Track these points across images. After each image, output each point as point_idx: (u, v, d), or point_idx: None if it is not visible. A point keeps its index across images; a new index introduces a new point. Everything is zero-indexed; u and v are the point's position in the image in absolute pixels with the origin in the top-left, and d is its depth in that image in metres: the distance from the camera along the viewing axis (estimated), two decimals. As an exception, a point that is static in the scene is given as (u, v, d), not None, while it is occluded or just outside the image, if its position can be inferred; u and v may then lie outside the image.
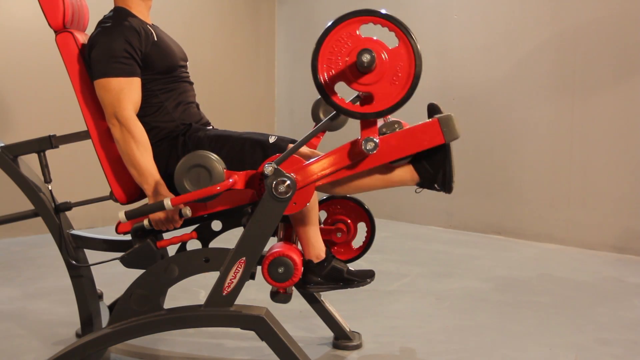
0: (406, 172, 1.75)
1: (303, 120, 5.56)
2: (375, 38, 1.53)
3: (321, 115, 2.19)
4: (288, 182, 1.59)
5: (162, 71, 1.88)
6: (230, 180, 1.62)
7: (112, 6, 1.95)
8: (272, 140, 1.81)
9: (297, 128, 5.71)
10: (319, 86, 1.53)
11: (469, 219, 4.49)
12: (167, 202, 1.62)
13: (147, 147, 1.77)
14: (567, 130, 3.95)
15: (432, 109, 1.74)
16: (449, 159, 1.70)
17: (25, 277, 3.18)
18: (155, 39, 1.88)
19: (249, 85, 5.75)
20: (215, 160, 1.60)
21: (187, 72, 2.03)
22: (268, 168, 1.59)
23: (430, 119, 1.64)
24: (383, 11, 1.51)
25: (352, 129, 1.90)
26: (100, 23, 1.87)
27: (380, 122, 1.81)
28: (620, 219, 3.73)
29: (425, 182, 1.74)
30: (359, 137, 1.60)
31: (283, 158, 1.61)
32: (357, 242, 2.10)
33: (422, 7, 4.70)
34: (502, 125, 4.30)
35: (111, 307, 2.20)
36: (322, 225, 2.08)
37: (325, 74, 1.53)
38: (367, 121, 1.58)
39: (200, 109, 2.04)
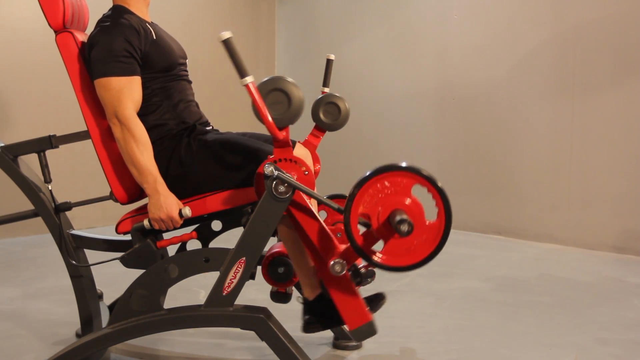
0: (314, 289, 1.78)
1: (303, 120, 5.54)
2: (415, 200, 1.52)
3: (321, 115, 2.19)
4: (287, 183, 1.59)
5: (162, 69, 1.88)
6: (284, 134, 1.61)
7: (111, 5, 1.95)
8: None
9: (297, 128, 5.68)
10: (349, 233, 1.52)
11: (469, 219, 4.49)
12: (248, 80, 1.56)
13: (148, 146, 1.77)
14: (567, 130, 3.95)
15: (377, 298, 1.82)
16: (328, 328, 1.80)
17: (25, 277, 3.18)
18: (155, 37, 1.88)
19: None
20: (297, 107, 1.58)
21: (187, 71, 2.03)
22: (268, 168, 1.59)
23: (369, 312, 1.67)
24: (437, 182, 1.50)
25: (352, 129, 1.90)
26: (99, 22, 1.86)
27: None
28: (620, 219, 3.73)
29: (307, 308, 1.78)
30: (341, 249, 1.60)
31: (289, 184, 1.58)
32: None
33: (422, 7, 4.70)
34: (502, 125, 4.30)
35: (111, 307, 2.20)
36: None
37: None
38: (353, 252, 1.57)
39: (199, 108, 2.04)
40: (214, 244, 2.02)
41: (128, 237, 1.88)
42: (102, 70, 1.76)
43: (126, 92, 1.76)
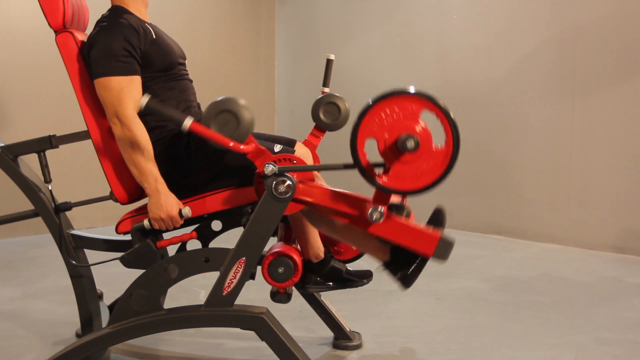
0: (382, 249, 1.78)
1: (303, 120, 5.55)
2: (424, 125, 1.52)
3: (321, 115, 2.19)
4: (288, 182, 1.59)
5: (162, 69, 1.88)
6: (243, 146, 1.60)
7: (110, 6, 1.95)
8: (277, 149, 1.81)
9: (297, 128, 5.71)
10: (354, 153, 1.52)
11: (469, 219, 4.49)
12: (187, 123, 1.58)
13: (148, 146, 1.77)
14: (567, 130, 3.95)
15: (437, 215, 1.75)
16: (422, 269, 1.74)
17: (25, 277, 3.18)
18: (154, 37, 1.88)
19: (249, 85, 5.75)
20: (249, 120, 1.59)
21: (186, 70, 2.03)
22: (268, 168, 1.59)
23: (434, 230, 1.63)
24: (444, 105, 1.50)
25: (350, 130, 1.90)
26: (98, 22, 1.86)
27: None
28: (620, 219, 3.73)
29: (391, 268, 1.77)
30: (370, 199, 1.59)
31: (289, 170, 1.60)
32: (357, 242, 2.10)
33: (422, 7, 4.70)
34: (502, 125, 4.30)
35: (111, 307, 2.20)
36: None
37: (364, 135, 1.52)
38: (384, 193, 1.57)
39: (201, 108, 2.04)
40: (214, 244, 2.02)
41: (128, 237, 1.88)
42: (102, 69, 1.76)
43: (126, 91, 1.76)
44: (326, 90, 2.26)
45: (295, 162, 1.64)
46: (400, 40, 4.86)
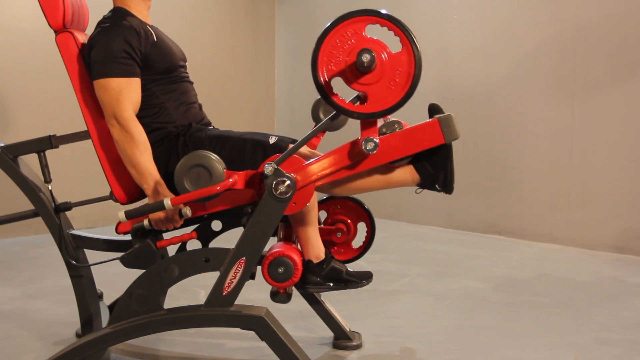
0: (406, 172, 1.75)
1: (303, 120, 5.56)
2: (376, 39, 1.53)
3: (321, 115, 2.19)
4: (288, 182, 1.59)
5: (162, 71, 1.88)
6: (230, 180, 1.62)
7: (112, 6, 1.95)
8: (272, 140, 1.81)
9: (297, 128, 5.71)
10: (318, 85, 1.53)
11: (469, 219, 4.49)
12: (167, 202, 1.62)
13: (147, 147, 1.77)
14: (567, 130, 3.95)
15: (433, 109, 1.73)
16: (450, 159, 1.69)
17: (25, 277, 3.18)
18: (155, 39, 1.88)
19: (249, 85, 5.75)
20: (215, 160, 1.60)
21: (187, 73, 2.03)
22: (268, 168, 1.59)
23: (431, 119, 1.63)
24: (385, 12, 1.51)
25: (352, 129, 1.90)
26: (99, 23, 1.86)
27: (380, 121, 1.80)
28: (620, 219, 3.73)
29: (427, 182, 1.74)
30: (359, 137, 1.60)
31: (283, 158, 1.61)
32: (357, 242, 2.10)
33: (422, 7, 4.70)
34: (502, 125, 4.30)
35: (111, 307, 2.20)
36: (322, 225, 2.08)
37: (325, 73, 1.53)
38: (367, 121, 1.57)
39: (202, 109, 2.04)
40: (214, 244, 2.02)
41: (128, 237, 1.88)
42: (101, 71, 1.76)
43: (125, 93, 1.76)
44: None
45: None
46: (400, 40, 4.86)
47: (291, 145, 1.71)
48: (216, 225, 2.08)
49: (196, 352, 2.11)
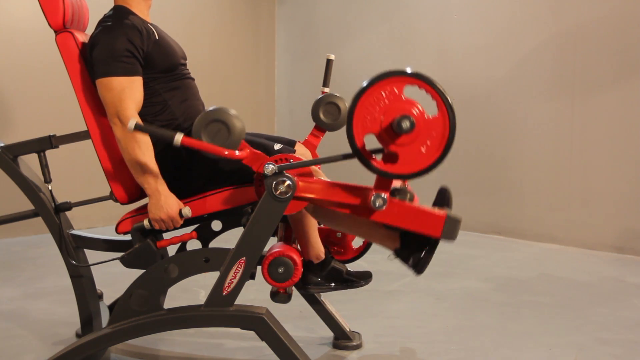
0: (391, 236, 1.77)
1: (303, 120, 5.56)
2: (414, 100, 1.50)
3: (321, 115, 2.19)
4: (288, 182, 1.59)
5: (164, 70, 1.88)
6: (237, 152, 1.60)
7: (111, 6, 1.95)
8: (277, 147, 1.81)
9: (297, 128, 5.71)
10: (354, 148, 1.51)
11: (469, 219, 4.49)
12: (178, 138, 1.57)
13: (149, 146, 1.77)
14: (567, 130, 3.95)
15: (442, 195, 1.72)
16: (433, 252, 1.71)
17: (25, 277, 3.18)
18: (157, 37, 1.88)
19: (249, 85, 5.75)
20: (239, 127, 1.58)
21: (188, 70, 2.03)
22: (268, 168, 1.59)
23: (440, 211, 1.60)
24: (424, 75, 1.49)
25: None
26: (100, 22, 1.86)
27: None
28: (620, 219, 3.73)
29: (403, 255, 1.76)
30: (372, 187, 1.58)
31: (290, 167, 1.60)
32: (357, 242, 2.10)
33: (422, 7, 4.70)
34: (502, 125, 4.30)
35: (111, 307, 2.20)
36: (321, 225, 2.08)
37: (360, 132, 1.51)
38: (385, 179, 1.56)
39: (205, 107, 2.04)
40: (214, 244, 2.02)
41: (128, 237, 1.88)
42: (103, 70, 1.76)
43: (128, 92, 1.76)
44: (326, 90, 2.26)
45: (292, 161, 1.64)
46: (400, 40, 4.86)
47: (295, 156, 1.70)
48: (216, 225, 2.08)
49: (196, 352, 2.11)
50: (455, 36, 4.51)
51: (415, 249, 1.73)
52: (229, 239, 1.93)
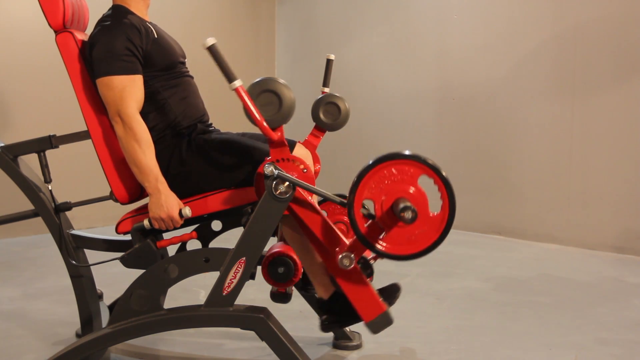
0: (327, 288, 1.80)
1: (303, 120, 5.55)
2: (421, 191, 1.52)
3: (321, 115, 2.20)
4: (288, 182, 1.59)
5: (164, 68, 1.88)
6: (273, 132, 1.61)
7: (111, 5, 1.95)
8: None
9: (297, 128, 5.70)
10: (358, 235, 1.53)
11: (469, 219, 4.49)
12: (236, 84, 1.56)
13: (150, 145, 1.77)
14: (567, 130, 3.95)
15: (392, 289, 1.78)
16: (347, 325, 1.77)
17: (25, 277, 3.18)
18: (156, 36, 1.88)
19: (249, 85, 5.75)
20: (289, 107, 1.59)
21: (187, 68, 2.03)
22: (268, 168, 1.59)
23: (383, 303, 1.64)
24: (436, 166, 1.51)
25: (352, 129, 1.90)
26: (100, 22, 1.87)
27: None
28: (620, 219, 3.73)
29: (323, 308, 1.80)
30: (347, 244, 1.61)
31: (290, 180, 1.59)
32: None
33: (422, 7, 4.70)
34: (502, 125, 4.30)
35: (111, 307, 2.20)
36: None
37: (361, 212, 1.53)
38: (361, 242, 1.56)
39: (204, 105, 2.04)
40: (214, 244, 2.02)
41: (128, 237, 1.88)
42: (104, 69, 1.76)
43: (129, 90, 1.76)
44: (326, 90, 2.26)
45: (295, 162, 1.63)
46: (400, 40, 4.86)
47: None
48: (216, 225, 2.08)
49: (196, 352, 2.11)
50: (455, 36, 4.51)
51: (336, 311, 1.76)
52: (229, 239, 1.93)
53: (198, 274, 1.76)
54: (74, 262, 1.91)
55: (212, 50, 1.54)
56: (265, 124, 1.58)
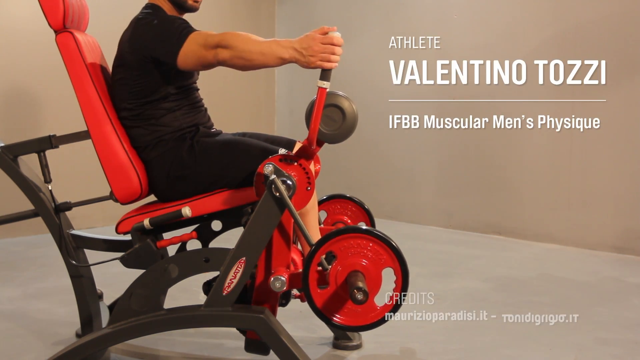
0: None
1: (303, 120, 5.55)
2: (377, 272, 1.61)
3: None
4: (288, 182, 1.59)
5: (184, 77, 1.90)
6: (313, 145, 1.62)
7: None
8: (282, 152, 1.81)
9: (297, 128, 5.70)
10: (308, 297, 1.59)
11: (469, 219, 4.49)
12: (324, 84, 1.56)
13: (244, 35, 1.67)
14: (567, 131, 3.95)
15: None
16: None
17: (25, 277, 3.17)
18: None
19: (249, 85, 5.75)
20: (349, 129, 1.60)
21: (196, 83, 2.04)
22: (268, 168, 1.59)
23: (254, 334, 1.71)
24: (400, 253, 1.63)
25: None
26: (138, 19, 1.86)
27: None
28: (620, 219, 3.73)
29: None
30: (289, 270, 1.67)
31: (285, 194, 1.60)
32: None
33: (422, 7, 4.70)
34: (502, 125, 4.29)
35: (111, 307, 2.20)
36: (322, 225, 2.08)
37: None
38: (299, 279, 1.61)
39: (207, 112, 2.04)
40: (214, 244, 2.02)
41: (128, 237, 1.88)
42: (177, 43, 1.73)
43: (204, 34, 1.73)
44: (326, 90, 2.25)
45: (299, 163, 1.64)
46: (400, 40, 4.86)
47: None
48: (216, 225, 2.08)
49: (196, 352, 2.11)
50: (455, 36, 4.51)
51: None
52: (229, 239, 1.92)
53: (198, 274, 1.76)
54: (74, 262, 1.91)
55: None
56: (317, 133, 1.59)
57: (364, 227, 1.57)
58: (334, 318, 1.60)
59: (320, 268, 1.58)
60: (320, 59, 1.55)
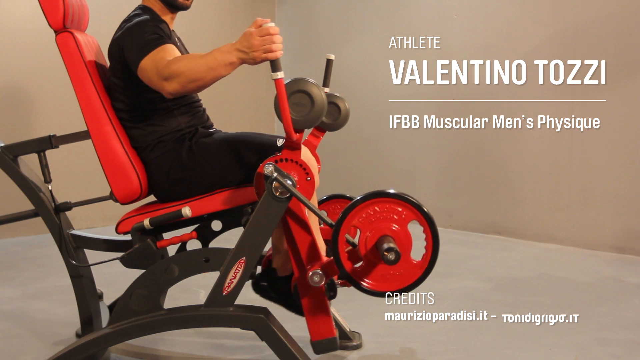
0: (286, 267, 1.85)
1: (303, 120, 5.55)
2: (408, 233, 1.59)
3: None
4: (288, 182, 1.59)
5: None
6: (295, 134, 1.62)
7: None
8: (280, 143, 1.81)
9: (297, 128, 5.70)
10: (338, 261, 1.58)
11: (469, 219, 4.49)
12: (277, 75, 1.57)
13: (192, 55, 1.69)
14: (567, 130, 3.95)
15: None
16: (277, 302, 1.88)
17: (25, 277, 3.17)
18: (178, 44, 1.89)
19: (249, 85, 5.75)
20: (319, 113, 1.59)
21: None
22: (268, 168, 1.59)
23: (335, 329, 1.71)
24: (429, 215, 1.60)
25: (352, 129, 1.90)
26: (124, 21, 1.87)
27: None
28: (620, 219, 3.73)
29: (271, 276, 1.87)
30: (323, 261, 1.65)
31: (288, 190, 1.60)
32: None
33: (422, 7, 4.70)
34: (502, 125, 4.29)
35: (111, 307, 2.20)
36: (322, 225, 2.08)
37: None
38: (334, 266, 1.60)
39: (206, 112, 2.04)
40: (214, 244, 2.02)
41: (128, 237, 1.88)
42: (137, 56, 1.72)
43: (159, 57, 1.69)
44: (326, 90, 2.26)
45: (301, 165, 1.64)
46: (400, 40, 4.86)
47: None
48: (216, 225, 2.08)
49: (196, 352, 2.11)
50: (455, 36, 4.51)
51: (279, 290, 1.84)
52: (229, 239, 1.93)
53: (198, 274, 1.76)
54: (74, 262, 1.91)
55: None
56: (290, 122, 1.58)
57: (373, 191, 1.56)
58: (386, 290, 1.59)
59: (349, 247, 1.58)
60: (263, 52, 1.58)
